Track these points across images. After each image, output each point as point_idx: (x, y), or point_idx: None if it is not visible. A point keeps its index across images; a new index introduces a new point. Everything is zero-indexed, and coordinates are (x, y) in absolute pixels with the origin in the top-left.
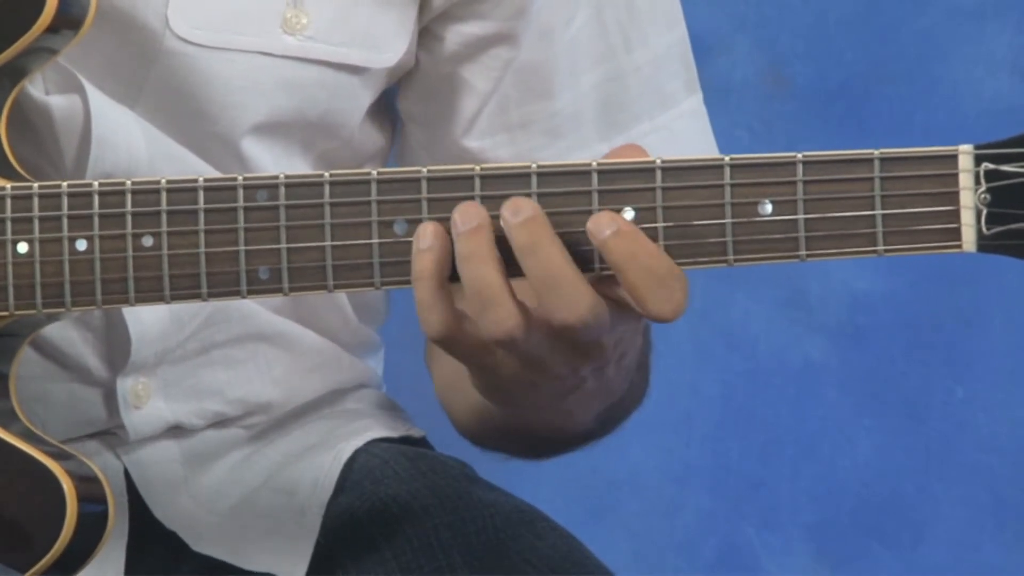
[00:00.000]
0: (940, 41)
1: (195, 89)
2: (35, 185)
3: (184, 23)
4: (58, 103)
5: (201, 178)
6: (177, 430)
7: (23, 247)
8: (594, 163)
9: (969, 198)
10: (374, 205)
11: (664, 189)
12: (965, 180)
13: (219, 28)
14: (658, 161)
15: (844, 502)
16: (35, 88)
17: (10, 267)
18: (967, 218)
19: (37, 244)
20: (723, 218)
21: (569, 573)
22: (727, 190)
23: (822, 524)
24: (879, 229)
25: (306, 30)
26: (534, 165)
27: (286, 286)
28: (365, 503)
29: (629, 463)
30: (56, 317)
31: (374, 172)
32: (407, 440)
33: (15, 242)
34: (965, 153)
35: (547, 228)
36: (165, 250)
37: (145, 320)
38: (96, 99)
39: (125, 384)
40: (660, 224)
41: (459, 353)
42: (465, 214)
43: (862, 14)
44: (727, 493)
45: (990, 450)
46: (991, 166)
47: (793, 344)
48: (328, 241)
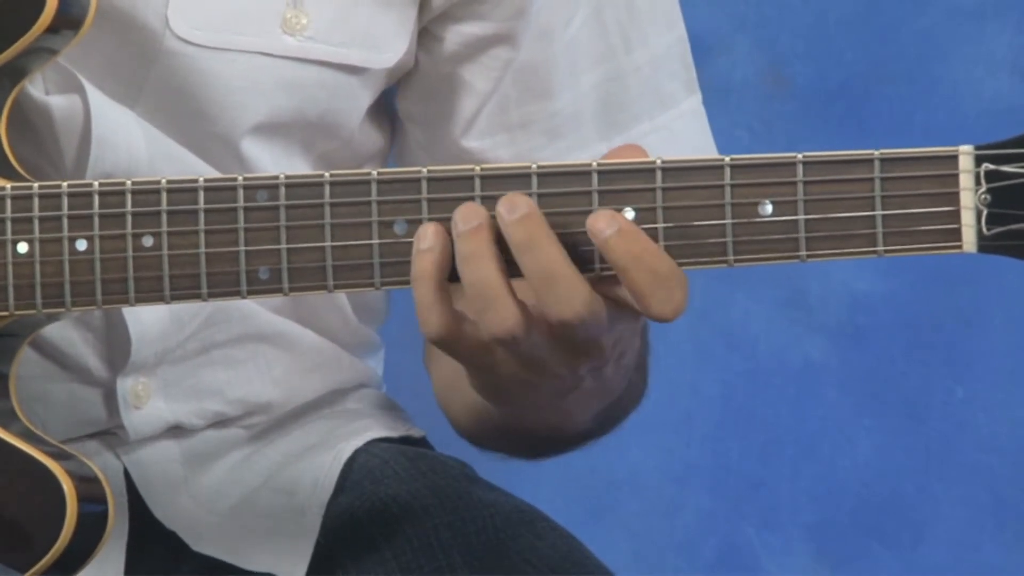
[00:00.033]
0: (940, 41)
1: (195, 89)
2: (35, 185)
3: (184, 23)
4: (58, 103)
5: (201, 178)
6: (177, 430)
7: (23, 247)
8: (594, 163)
9: (969, 199)
10: (374, 205)
11: (664, 189)
12: (965, 181)
13: (219, 28)
14: (658, 161)
15: (844, 502)
16: (35, 88)
17: (10, 267)
18: (967, 219)
19: (37, 244)
20: (723, 218)
21: (569, 573)
22: (727, 190)
23: (822, 524)
24: (879, 230)
25: (306, 30)
26: (534, 165)
27: (286, 286)
28: (365, 503)
29: (629, 463)
30: (56, 317)
31: (374, 172)
32: (407, 440)
33: (15, 242)
34: (965, 154)
35: (543, 224)
36: (165, 250)
37: (145, 320)
38: (96, 99)
39: (125, 384)
40: (660, 225)
41: (458, 353)
42: (466, 214)
43: (862, 14)
44: (727, 493)
45: (990, 450)
46: (991, 167)
47: (793, 344)
48: (328, 241)
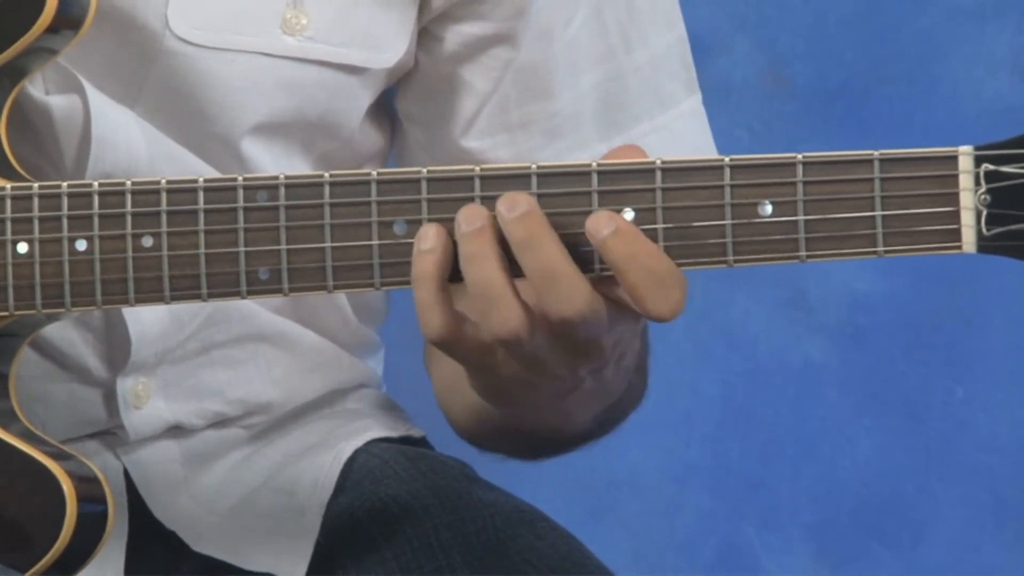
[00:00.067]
0: (940, 41)
1: (195, 89)
2: (35, 185)
3: (184, 23)
4: (58, 103)
5: (201, 178)
6: (177, 430)
7: (23, 247)
8: (594, 164)
9: (969, 199)
10: (374, 206)
11: (664, 190)
12: (965, 181)
13: (219, 28)
14: (658, 162)
15: (844, 502)
16: (35, 88)
17: (10, 267)
18: (967, 219)
19: (37, 244)
20: (723, 219)
21: (569, 573)
22: (727, 191)
23: (822, 524)
24: (879, 230)
25: (306, 30)
26: (534, 166)
27: (286, 287)
28: (365, 503)
29: (629, 463)
30: (56, 317)
31: (374, 173)
32: (407, 440)
33: (15, 242)
34: (965, 154)
35: (543, 222)
36: (165, 250)
37: (145, 320)
38: (96, 99)
39: (125, 384)
40: (660, 225)
41: (459, 354)
42: (469, 215)
43: (862, 14)
44: (727, 493)
45: (990, 450)
46: (991, 167)
47: (793, 344)
48: (328, 241)
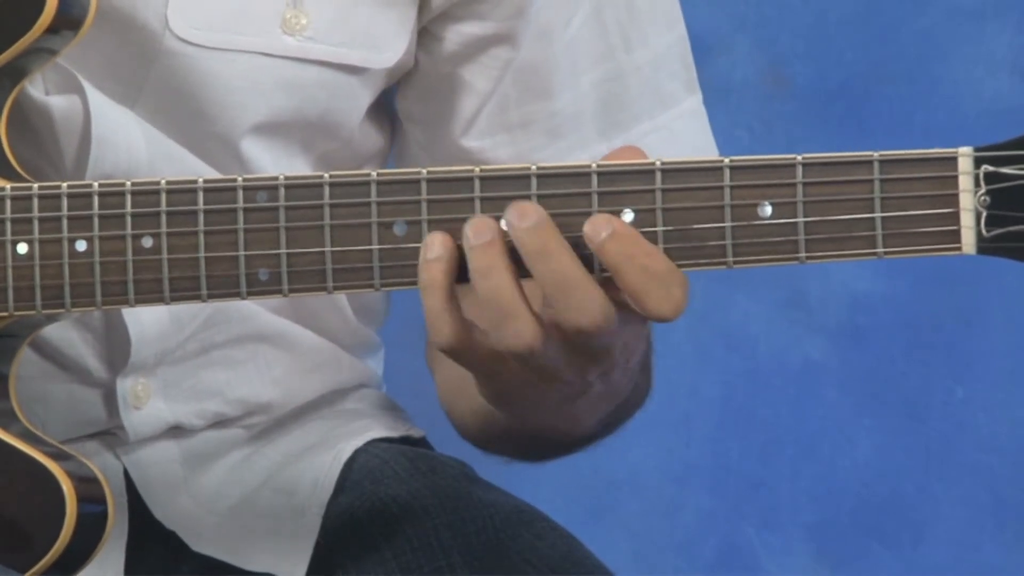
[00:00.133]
0: (940, 41)
1: (195, 89)
2: (35, 186)
3: (184, 23)
4: (58, 103)
5: (201, 179)
6: (177, 430)
7: (23, 248)
8: (594, 165)
9: (969, 200)
10: (374, 206)
11: (664, 191)
12: (965, 182)
13: (219, 28)
14: (658, 163)
15: (844, 502)
16: (35, 88)
17: (10, 268)
18: (967, 220)
19: (37, 245)
20: (723, 220)
21: (569, 573)
22: (727, 192)
23: (822, 524)
24: (879, 232)
25: (306, 30)
26: (534, 167)
27: (286, 287)
28: (365, 503)
29: (629, 463)
30: (56, 318)
31: (374, 173)
32: (407, 440)
33: (15, 243)
34: (965, 155)
35: (555, 232)
36: (165, 251)
37: (145, 321)
38: (96, 99)
39: (125, 385)
40: (660, 227)
41: (468, 362)
42: (478, 228)
43: (862, 14)
44: (727, 493)
45: (990, 450)
46: (991, 168)
47: (793, 344)
48: (328, 242)
